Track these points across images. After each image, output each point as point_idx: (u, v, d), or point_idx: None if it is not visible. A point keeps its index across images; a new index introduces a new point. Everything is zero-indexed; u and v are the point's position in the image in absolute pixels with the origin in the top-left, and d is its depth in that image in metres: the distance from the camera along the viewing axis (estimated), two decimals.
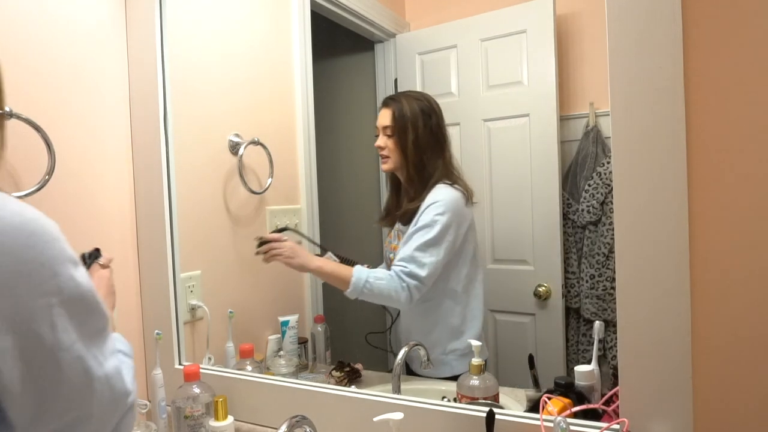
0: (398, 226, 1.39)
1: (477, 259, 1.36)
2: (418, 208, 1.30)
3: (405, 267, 1.26)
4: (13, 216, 0.51)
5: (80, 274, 0.57)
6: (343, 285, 1.26)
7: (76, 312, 0.56)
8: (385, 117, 1.35)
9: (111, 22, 1.27)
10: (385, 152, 1.36)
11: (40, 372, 0.53)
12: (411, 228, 1.30)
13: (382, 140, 1.36)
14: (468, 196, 1.32)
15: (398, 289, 1.25)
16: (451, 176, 1.33)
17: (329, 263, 1.33)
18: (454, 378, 1.24)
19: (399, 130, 1.33)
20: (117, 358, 0.63)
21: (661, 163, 0.77)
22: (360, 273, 1.26)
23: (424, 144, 1.32)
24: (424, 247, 1.26)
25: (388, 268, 1.33)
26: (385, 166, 1.37)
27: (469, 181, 1.35)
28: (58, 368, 0.54)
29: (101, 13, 1.25)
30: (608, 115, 0.80)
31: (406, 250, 1.28)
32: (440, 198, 1.29)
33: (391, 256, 1.37)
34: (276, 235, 1.33)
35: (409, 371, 1.35)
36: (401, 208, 1.37)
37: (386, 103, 1.37)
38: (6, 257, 0.50)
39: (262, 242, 1.31)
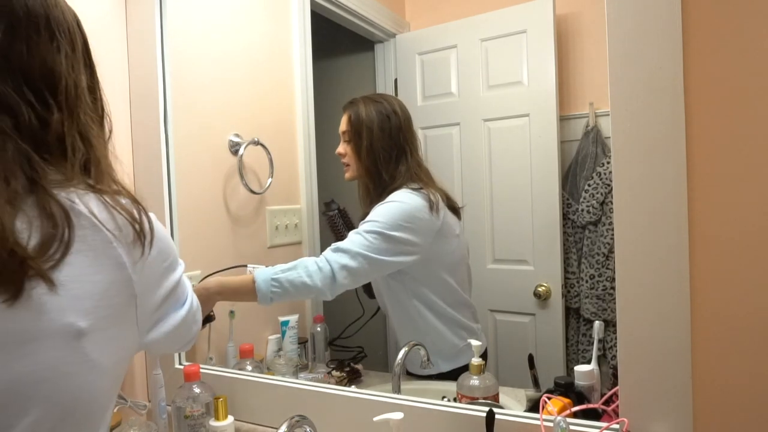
0: None
1: (460, 267, 1.32)
2: None
3: (336, 246, 1.14)
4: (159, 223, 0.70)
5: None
6: (250, 294, 1.12)
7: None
8: (342, 122, 1.32)
9: (111, 22, 1.27)
10: (345, 159, 1.31)
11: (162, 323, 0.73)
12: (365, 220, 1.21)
13: (342, 147, 1.32)
14: (434, 203, 1.21)
15: (313, 272, 1.10)
16: (418, 182, 1.25)
17: (227, 281, 1.18)
18: (442, 375, 1.24)
19: (354, 134, 1.28)
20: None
21: (661, 163, 0.77)
22: (261, 273, 1.12)
23: (379, 149, 1.25)
24: (366, 231, 1.15)
25: None
26: (347, 175, 1.31)
27: (469, 182, 1.34)
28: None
29: (101, 13, 1.25)
30: (608, 115, 0.80)
31: (355, 233, 1.17)
32: (397, 198, 1.21)
33: None
34: None
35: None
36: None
37: (345, 107, 1.33)
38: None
39: None
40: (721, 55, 0.74)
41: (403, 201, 1.21)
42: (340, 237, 1.32)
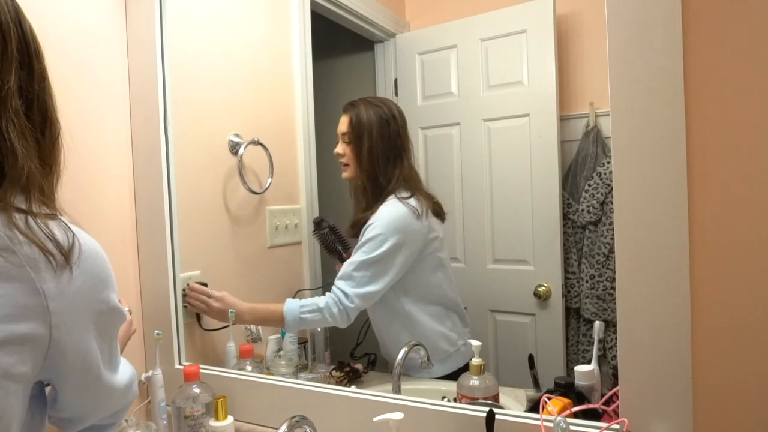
0: None
1: (444, 266, 1.36)
2: (367, 220, 1.29)
3: (343, 289, 1.26)
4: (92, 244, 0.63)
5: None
6: (279, 323, 1.28)
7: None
8: (342, 123, 1.35)
9: (111, 22, 1.27)
10: (344, 159, 1.36)
11: (84, 362, 0.63)
12: (357, 244, 1.29)
13: (340, 147, 1.36)
14: (420, 212, 1.27)
15: (334, 314, 1.25)
16: (409, 187, 1.30)
17: (256, 309, 1.33)
18: (443, 378, 1.26)
19: (355, 137, 1.32)
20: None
21: (661, 163, 0.77)
22: (291, 311, 1.26)
23: (378, 152, 1.30)
24: (365, 266, 1.25)
25: None
26: (345, 174, 1.36)
27: (469, 182, 1.35)
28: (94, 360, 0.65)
29: (101, 12, 1.25)
30: (608, 115, 0.80)
31: (346, 269, 1.27)
32: (383, 216, 1.27)
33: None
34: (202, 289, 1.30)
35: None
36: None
37: (345, 108, 1.36)
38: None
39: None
40: (722, 55, 0.74)
41: (387, 217, 1.27)
42: (334, 252, 1.41)
